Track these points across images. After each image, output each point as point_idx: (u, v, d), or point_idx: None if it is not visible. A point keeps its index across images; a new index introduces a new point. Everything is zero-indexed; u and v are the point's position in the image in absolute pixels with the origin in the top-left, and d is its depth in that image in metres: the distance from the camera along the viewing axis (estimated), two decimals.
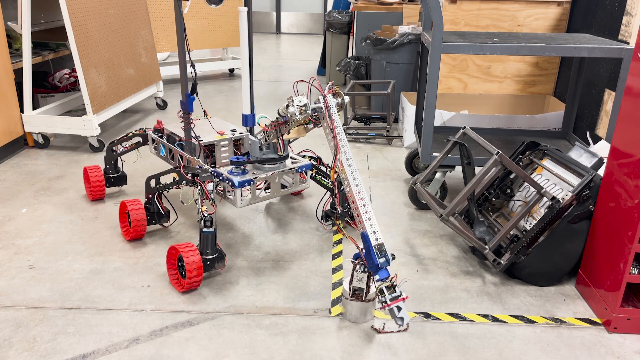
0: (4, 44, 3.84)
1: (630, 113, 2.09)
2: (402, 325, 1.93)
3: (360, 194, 2.11)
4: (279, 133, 2.54)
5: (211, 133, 2.95)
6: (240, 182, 2.48)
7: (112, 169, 3.23)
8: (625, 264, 2.06)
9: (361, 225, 2.07)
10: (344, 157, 2.16)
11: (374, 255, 1.97)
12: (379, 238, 2.02)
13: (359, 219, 2.08)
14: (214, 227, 2.32)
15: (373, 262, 1.97)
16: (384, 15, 5.97)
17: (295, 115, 2.28)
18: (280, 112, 2.42)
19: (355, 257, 2.10)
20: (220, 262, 2.38)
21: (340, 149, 2.15)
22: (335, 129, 2.19)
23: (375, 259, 1.97)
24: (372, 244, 1.98)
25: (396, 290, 1.94)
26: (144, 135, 3.21)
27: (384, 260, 1.98)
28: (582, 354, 2.03)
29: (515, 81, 4.65)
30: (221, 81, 6.81)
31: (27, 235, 2.80)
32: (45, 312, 2.18)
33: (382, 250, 2.00)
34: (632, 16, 3.41)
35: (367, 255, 1.99)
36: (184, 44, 2.61)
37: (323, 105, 2.25)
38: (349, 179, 2.14)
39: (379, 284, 1.95)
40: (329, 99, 2.27)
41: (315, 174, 2.85)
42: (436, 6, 2.82)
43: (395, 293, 1.94)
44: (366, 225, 2.04)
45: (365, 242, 2.00)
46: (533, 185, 2.40)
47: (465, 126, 2.77)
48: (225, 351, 1.99)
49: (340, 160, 2.15)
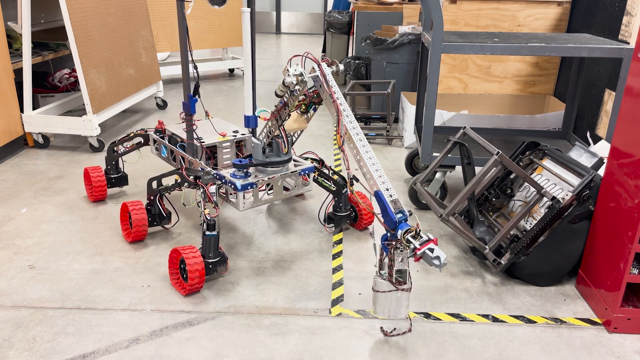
0: (4, 44, 3.84)
1: (630, 113, 2.09)
2: (440, 265, 1.81)
3: (368, 153, 2.06)
4: (280, 121, 2.53)
5: (213, 134, 2.94)
6: (243, 185, 2.47)
7: (114, 170, 3.22)
8: (625, 264, 2.06)
9: (373, 184, 2.00)
10: (346, 120, 2.15)
11: (390, 212, 1.90)
12: (392, 194, 1.95)
13: (369, 178, 2.02)
14: (216, 231, 2.31)
15: (391, 218, 1.89)
16: (384, 15, 5.97)
17: (292, 87, 2.29)
18: (278, 91, 2.41)
19: (384, 239, 1.95)
20: (222, 266, 2.37)
21: (342, 112, 2.14)
22: (334, 94, 2.19)
23: (393, 215, 1.89)
24: (387, 201, 1.92)
25: (422, 236, 1.85)
26: (145, 135, 3.20)
27: (401, 215, 1.90)
28: (582, 354, 2.03)
29: (515, 81, 4.65)
30: (221, 81, 6.81)
31: (27, 235, 2.80)
32: (45, 312, 2.18)
33: (398, 206, 1.92)
34: (632, 16, 3.41)
35: (383, 212, 1.91)
36: (187, 45, 2.58)
37: (319, 73, 2.26)
38: (354, 140, 2.10)
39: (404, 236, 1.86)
40: (323, 67, 2.29)
41: (317, 177, 2.85)
42: (436, 6, 2.82)
43: (423, 238, 1.85)
44: (378, 182, 1.98)
45: (380, 200, 1.92)
46: (533, 185, 2.40)
47: (465, 126, 2.77)
48: (225, 351, 1.99)
49: (344, 124, 2.13)
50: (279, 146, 2.60)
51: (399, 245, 1.90)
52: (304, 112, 2.61)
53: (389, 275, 1.95)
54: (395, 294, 1.95)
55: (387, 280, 1.95)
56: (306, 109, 2.59)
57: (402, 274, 1.94)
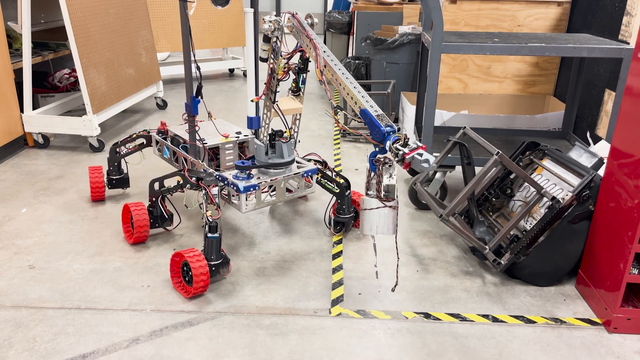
0: (4, 44, 3.84)
1: (630, 113, 2.09)
2: (429, 168, 1.89)
3: (348, 78, 2.18)
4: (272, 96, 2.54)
5: (215, 135, 2.92)
6: (246, 187, 2.46)
7: (116, 171, 3.21)
8: (625, 264, 2.06)
9: (356, 102, 2.10)
10: (324, 54, 2.25)
11: (378, 123, 1.96)
12: (377, 110, 2.03)
13: (352, 98, 2.12)
14: (218, 233, 2.31)
15: (379, 129, 1.95)
16: (384, 15, 5.97)
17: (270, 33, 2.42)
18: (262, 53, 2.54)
19: (373, 156, 2.01)
20: (224, 268, 2.37)
21: (319, 48, 2.26)
22: (310, 34, 2.33)
23: (381, 126, 1.96)
24: (374, 116, 1.99)
25: (411, 144, 1.92)
26: (147, 136, 3.19)
27: (389, 128, 1.96)
28: (582, 354, 2.03)
29: (515, 81, 4.65)
30: (221, 81, 6.81)
31: (27, 235, 2.80)
32: (45, 312, 2.18)
33: (385, 121, 1.99)
34: (632, 16, 3.41)
35: (371, 127, 1.97)
36: (190, 46, 2.55)
37: (295, 21, 2.41)
38: (334, 69, 2.21)
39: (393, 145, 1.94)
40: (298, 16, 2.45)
41: (320, 178, 2.85)
42: (436, 6, 2.82)
43: (412, 145, 1.91)
44: (362, 101, 2.08)
45: (366, 116, 2.00)
46: (533, 186, 2.40)
47: (465, 126, 2.77)
48: (225, 351, 1.99)
49: (322, 57, 2.24)
50: (281, 148, 2.60)
51: (387, 160, 1.96)
52: (295, 93, 2.65)
53: (377, 192, 2.00)
54: (383, 211, 1.99)
55: (375, 198, 1.99)
56: (297, 86, 2.62)
57: (390, 189, 1.99)
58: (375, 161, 1.99)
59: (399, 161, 1.92)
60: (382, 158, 1.97)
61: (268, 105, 2.63)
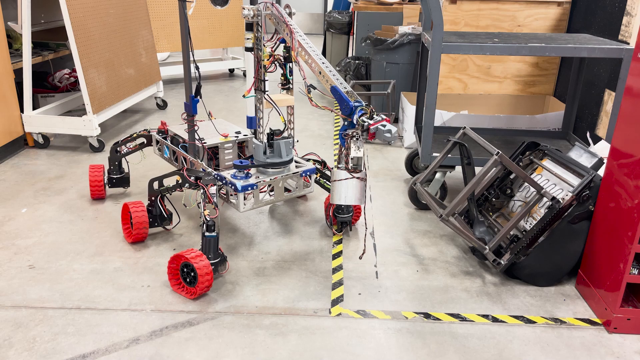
0: (4, 44, 3.84)
1: (630, 113, 2.09)
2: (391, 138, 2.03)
3: (321, 59, 2.30)
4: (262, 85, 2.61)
5: (215, 135, 2.93)
6: (244, 186, 2.46)
7: (116, 170, 3.23)
8: (625, 264, 2.06)
9: (327, 80, 2.23)
10: (300, 38, 2.36)
11: (346, 98, 2.11)
12: (346, 87, 2.18)
13: (324, 76, 2.26)
14: (216, 232, 2.32)
15: (347, 104, 2.10)
16: (384, 15, 5.97)
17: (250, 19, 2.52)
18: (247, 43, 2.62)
19: (343, 130, 2.14)
20: (222, 266, 2.38)
21: (294, 32, 2.37)
22: (286, 19, 2.44)
23: (349, 101, 2.10)
24: (342, 92, 2.14)
25: (376, 117, 2.07)
26: (148, 136, 3.20)
27: (358, 103, 2.10)
28: (582, 354, 2.03)
29: (515, 81, 4.65)
30: (221, 81, 6.81)
31: (27, 235, 2.80)
32: (45, 312, 2.18)
33: (355, 97, 2.12)
34: (632, 16, 3.41)
35: (340, 102, 2.11)
36: (189, 46, 2.58)
37: (274, 9, 2.51)
38: (307, 50, 2.33)
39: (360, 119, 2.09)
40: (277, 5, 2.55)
41: (319, 178, 2.85)
42: (436, 6, 2.82)
43: (377, 118, 2.06)
44: (332, 79, 2.21)
45: (336, 92, 2.15)
46: (533, 186, 2.40)
47: (465, 126, 2.77)
48: (225, 351, 1.99)
49: (297, 40, 2.35)
50: (280, 147, 2.60)
51: (354, 134, 2.09)
52: (285, 86, 2.72)
53: (345, 164, 2.14)
54: (351, 182, 2.11)
55: (344, 170, 2.13)
56: (285, 79, 2.70)
57: (357, 161, 2.12)
58: (345, 135, 2.12)
59: (364, 131, 2.06)
60: (351, 132, 2.10)
61: (260, 98, 2.66)
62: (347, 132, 2.11)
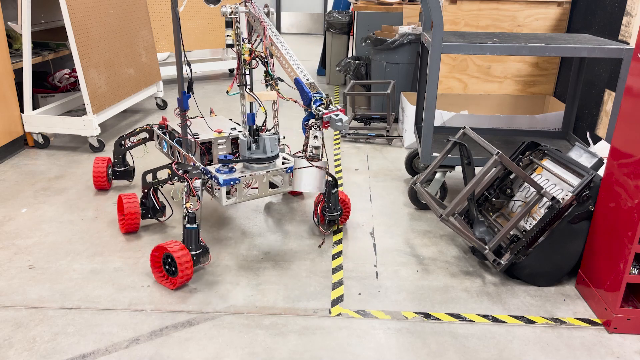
0: (4, 44, 3.84)
1: (630, 113, 2.09)
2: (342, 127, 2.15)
3: (288, 52, 2.42)
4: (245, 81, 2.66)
5: (210, 131, 3.01)
6: (225, 180, 2.51)
7: (120, 163, 3.35)
8: (625, 264, 2.06)
9: (292, 72, 2.33)
10: (270, 32, 2.50)
11: (307, 90, 2.21)
12: (309, 79, 2.30)
13: (288, 67, 2.37)
14: (197, 223, 2.37)
15: (307, 95, 2.20)
16: (384, 15, 5.97)
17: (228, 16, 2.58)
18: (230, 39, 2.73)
19: (305, 120, 2.23)
20: (204, 257, 2.42)
21: (267, 28, 2.50)
22: (261, 17, 2.54)
23: (309, 91, 2.21)
24: (304, 84, 2.25)
25: (332, 107, 2.19)
26: (150, 131, 3.33)
27: (318, 95, 2.20)
28: (582, 354, 2.03)
29: (515, 81, 4.65)
30: (221, 81, 6.81)
31: (27, 235, 2.80)
32: (45, 312, 2.18)
33: (316, 89, 2.23)
34: (632, 16, 3.41)
35: (301, 92, 2.23)
36: (180, 42, 2.69)
37: (251, 7, 2.60)
38: (276, 43, 2.45)
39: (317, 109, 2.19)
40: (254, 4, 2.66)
41: None
42: (436, 6, 2.82)
43: (332, 108, 2.18)
44: (297, 71, 2.32)
45: (298, 84, 2.26)
46: (533, 186, 2.40)
47: (465, 126, 2.77)
48: (225, 351, 1.99)
49: (268, 36, 2.49)
50: (265, 143, 2.62)
51: (313, 124, 2.19)
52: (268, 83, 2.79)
53: (304, 152, 2.22)
54: (311, 170, 2.21)
55: (304, 159, 2.22)
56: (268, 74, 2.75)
57: (316, 150, 2.21)
58: (305, 125, 2.23)
59: (319, 119, 2.17)
60: (311, 122, 2.21)
61: (242, 93, 2.70)
62: (307, 123, 2.21)
